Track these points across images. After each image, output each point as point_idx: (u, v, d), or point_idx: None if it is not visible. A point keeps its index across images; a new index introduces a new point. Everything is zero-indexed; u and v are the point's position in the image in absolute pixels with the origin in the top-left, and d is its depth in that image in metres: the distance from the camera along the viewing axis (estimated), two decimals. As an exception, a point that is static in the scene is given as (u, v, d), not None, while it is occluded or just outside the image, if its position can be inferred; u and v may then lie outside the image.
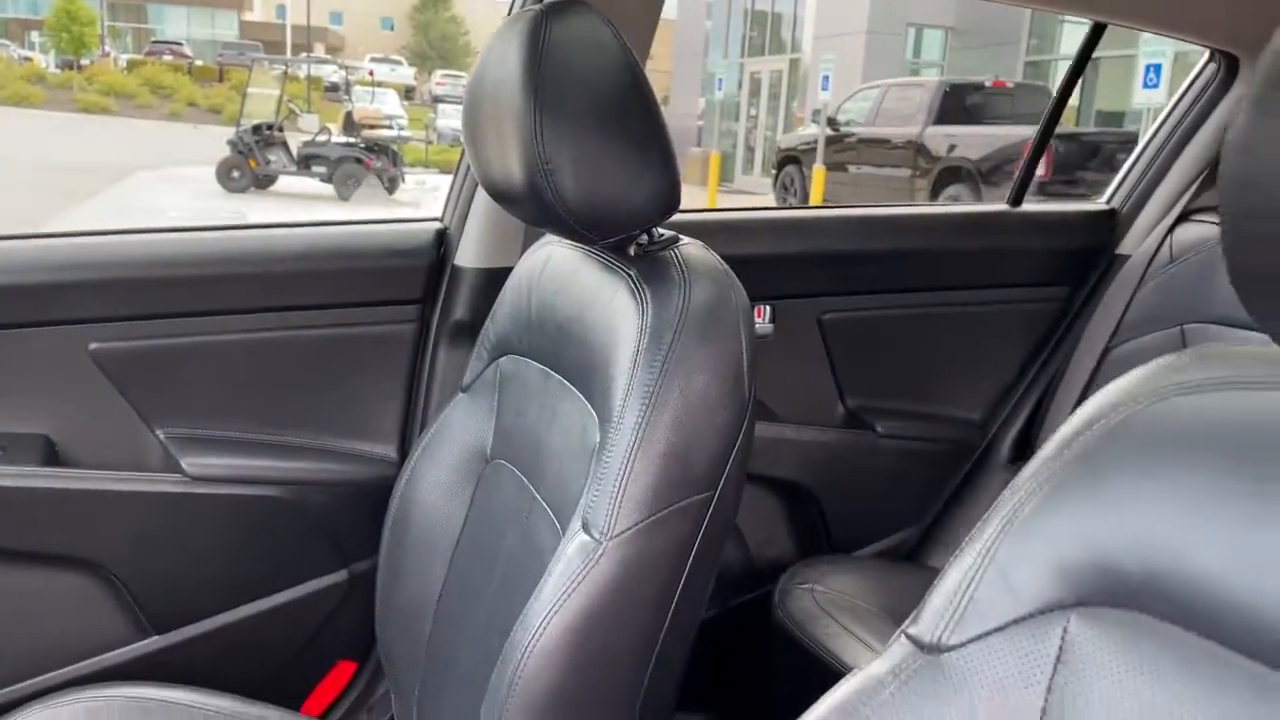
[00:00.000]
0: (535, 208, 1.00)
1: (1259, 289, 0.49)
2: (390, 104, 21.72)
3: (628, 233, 1.02)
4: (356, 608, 1.48)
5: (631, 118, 0.97)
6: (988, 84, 12.04)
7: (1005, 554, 0.56)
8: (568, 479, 1.02)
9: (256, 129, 12.99)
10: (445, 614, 1.23)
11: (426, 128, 20.25)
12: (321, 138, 13.28)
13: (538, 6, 1.00)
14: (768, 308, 1.70)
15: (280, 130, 13.31)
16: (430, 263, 1.48)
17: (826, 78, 14.20)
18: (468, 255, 1.47)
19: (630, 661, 0.94)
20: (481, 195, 1.45)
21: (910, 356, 1.83)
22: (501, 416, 1.21)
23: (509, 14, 1.21)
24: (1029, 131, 8.47)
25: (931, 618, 0.59)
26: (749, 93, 21.75)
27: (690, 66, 24.94)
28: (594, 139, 0.95)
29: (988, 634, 0.56)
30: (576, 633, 0.91)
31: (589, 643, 0.91)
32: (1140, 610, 0.51)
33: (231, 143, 12.85)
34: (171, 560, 1.37)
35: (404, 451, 1.48)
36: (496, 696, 0.92)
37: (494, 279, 1.39)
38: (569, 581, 0.91)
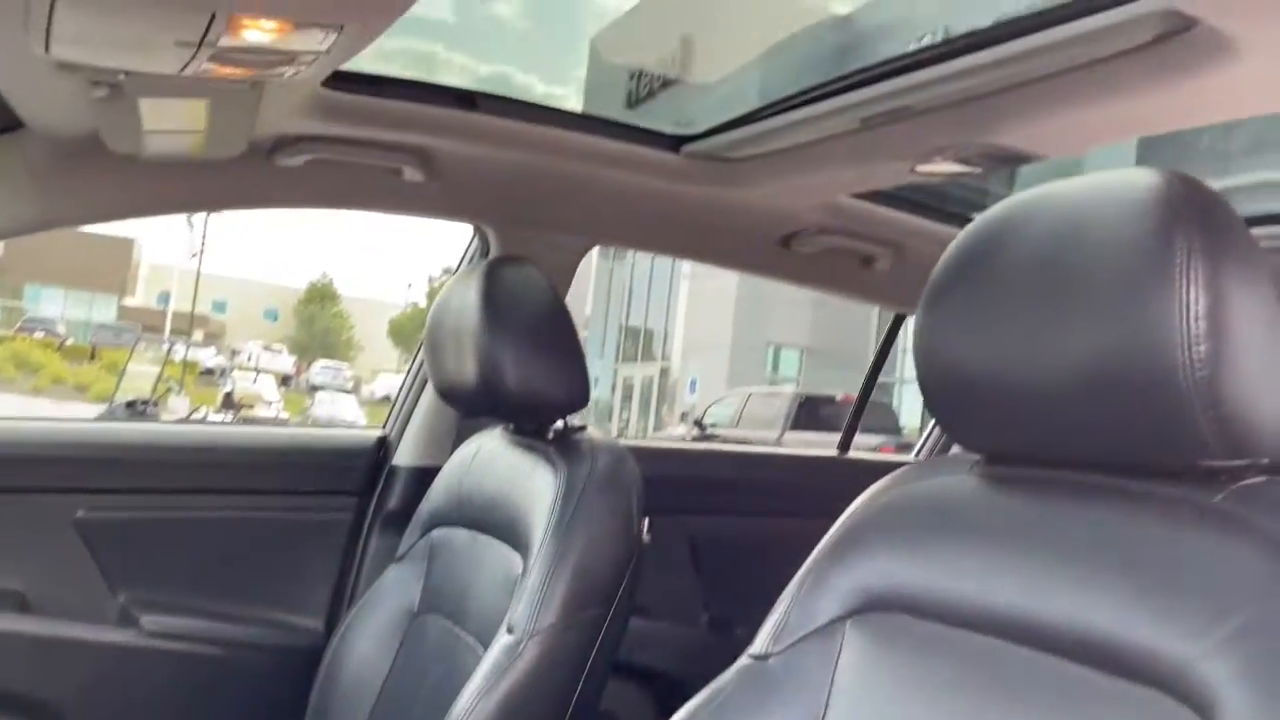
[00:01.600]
0: (482, 398, 1.37)
1: (943, 419, 0.87)
2: (269, 389, 21.99)
3: (550, 417, 1.39)
4: None
5: (555, 336, 1.37)
6: (838, 398, 13.19)
7: (807, 591, 0.91)
8: (491, 612, 1.30)
9: (130, 404, 12.97)
10: None
11: (303, 413, 20.44)
12: (197, 415, 13.32)
13: (489, 260, 1.42)
14: (646, 520, 2.04)
15: (155, 406, 13.31)
16: (371, 462, 1.79)
17: (694, 382, 15.26)
18: (405, 455, 1.79)
19: None
20: (422, 406, 1.80)
21: (772, 569, 2.17)
22: (431, 577, 1.49)
23: (461, 262, 1.63)
24: (875, 440, 9.36)
25: (762, 638, 0.92)
26: (621, 396, 22.90)
27: (566, 370, 26.11)
28: (529, 348, 1.34)
29: (796, 642, 0.89)
30: (503, 709, 1.16)
31: (511, 717, 1.16)
32: (885, 610, 0.85)
33: (103, 417, 12.75)
34: (117, 708, 1.53)
35: (330, 624, 1.70)
36: None
37: (425, 475, 1.70)
38: (496, 672, 1.18)
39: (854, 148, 1.41)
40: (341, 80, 1.35)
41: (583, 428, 1.43)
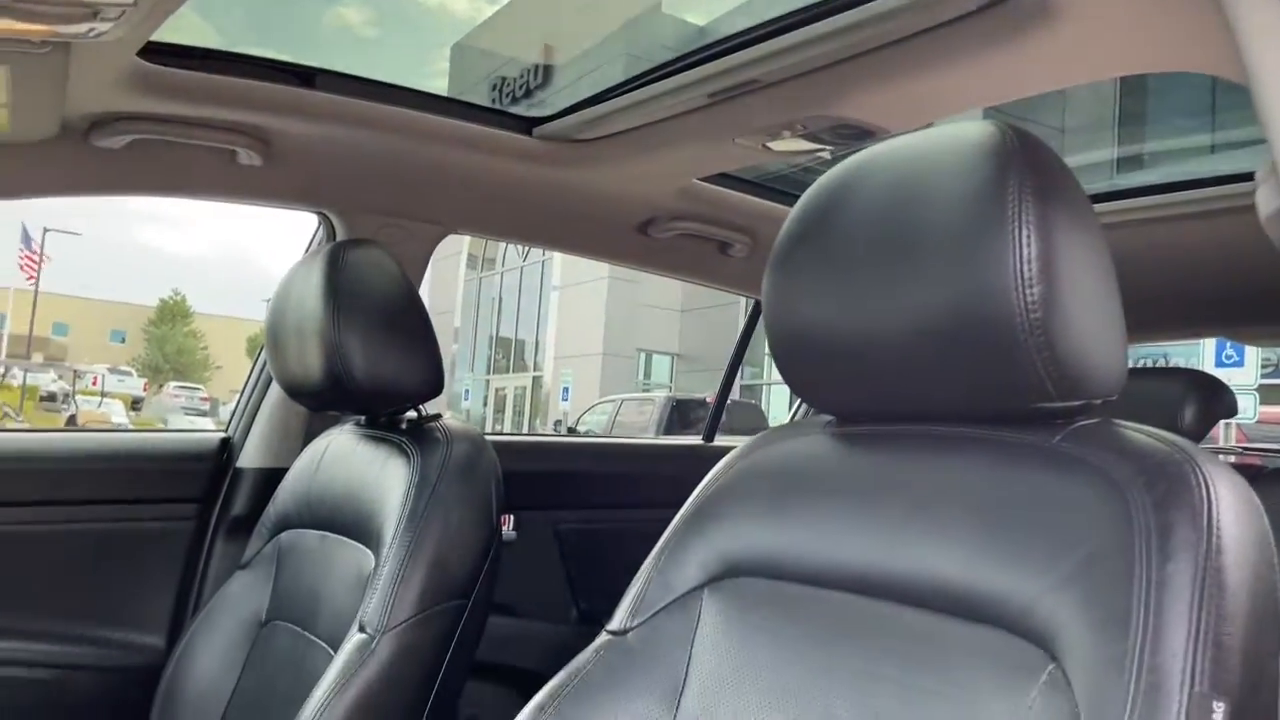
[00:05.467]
0: (329, 390, 1.30)
1: (794, 382, 0.86)
2: (118, 413, 20.84)
3: (402, 405, 1.33)
4: None
5: (407, 321, 1.32)
6: (708, 399, 13.39)
7: (664, 564, 0.89)
8: (343, 613, 1.24)
9: (-39, 432, 12.09)
10: None
11: (156, 437, 19.44)
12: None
13: (335, 242, 1.35)
14: (511, 517, 1.99)
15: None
16: (214, 466, 1.68)
17: (566, 389, 15.22)
18: (250, 457, 1.69)
19: None
20: (267, 405, 1.70)
21: (642, 560, 2.16)
22: (279, 581, 1.41)
23: (305, 252, 1.55)
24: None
25: (620, 614, 0.89)
26: (494, 408, 22.65)
27: (436, 383, 25.72)
28: (378, 334, 1.28)
29: (654, 615, 0.87)
30: (356, 708, 1.10)
31: (365, 716, 1.10)
32: (741, 575, 0.84)
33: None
34: None
35: (172, 638, 1.60)
36: None
37: (272, 477, 1.61)
38: (346, 672, 1.12)
39: (704, 124, 1.40)
40: (164, 53, 1.26)
41: (437, 416, 1.38)
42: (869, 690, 0.72)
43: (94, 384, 22.11)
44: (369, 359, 1.27)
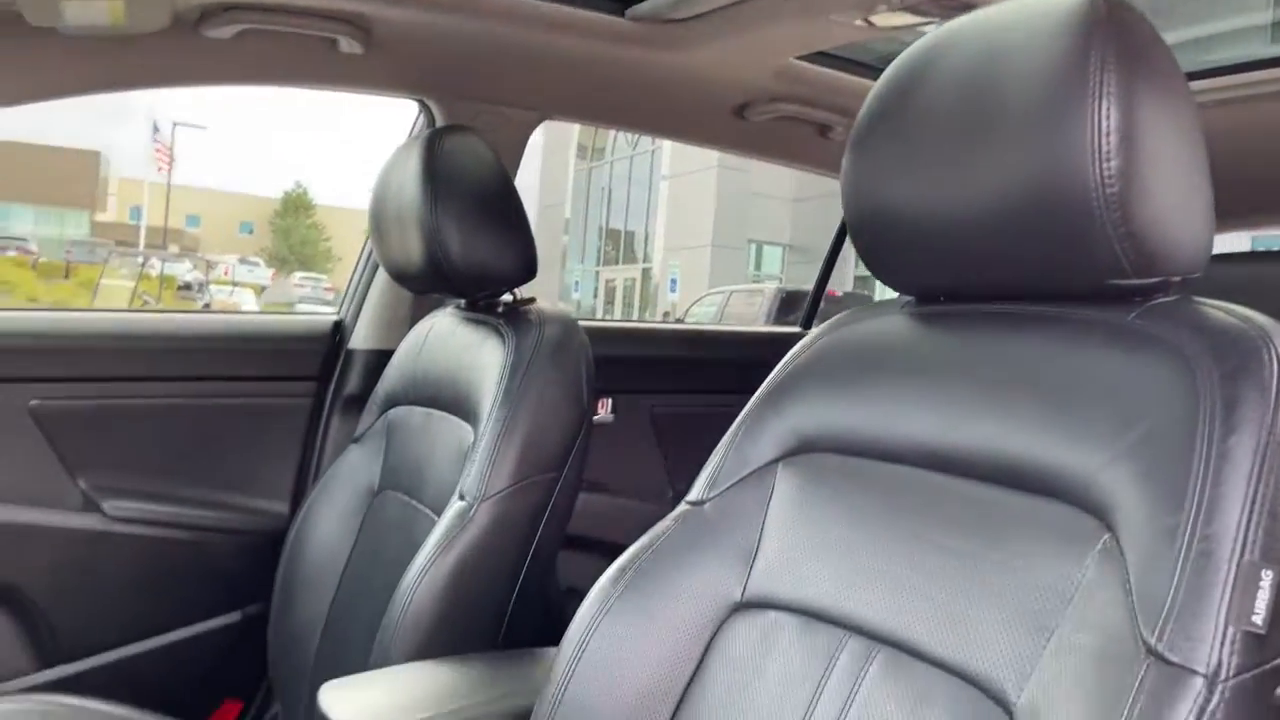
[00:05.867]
0: (428, 274, 1.35)
1: (873, 264, 0.86)
2: (247, 302, 21.85)
3: (497, 289, 1.38)
4: (246, 647, 1.66)
5: (502, 207, 1.35)
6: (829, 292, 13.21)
7: (742, 438, 0.91)
8: (446, 483, 1.31)
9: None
10: (333, 628, 1.45)
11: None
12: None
13: (432, 129, 1.38)
14: (610, 400, 2.05)
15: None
16: (327, 347, 1.77)
17: (674, 281, 15.23)
18: (360, 339, 1.78)
19: (495, 598, 1.22)
20: (374, 290, 1.78)
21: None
22: (389, 454, 1.49)
23: (408, 139, 1.59)
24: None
25: (698, 486, 0.93)
26: (604, 299, 22.87)
27: (549, 277, 26.10)
28: (474, 219, 1.32)
29: (730, 487, 0.90)
30: (453, 574, 1.18)
31: (462, 582, 1.19)
32: (814, 450, 0.86)
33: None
34: (84, 592, 1.55)
35: (294, 506, 1.72)
36: (388, 627, 1.17)
37: (381, 358, 1.69)
38: (447, 537, 1.19)
39: (801, 1, 1.37)
40: None
41: (532, 300, 1.42)
42: (928, 554, 0.74)
43: (225, 274, 23.18)
44: (465, 243, 1.31)
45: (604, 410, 2.05)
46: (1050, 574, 0.66)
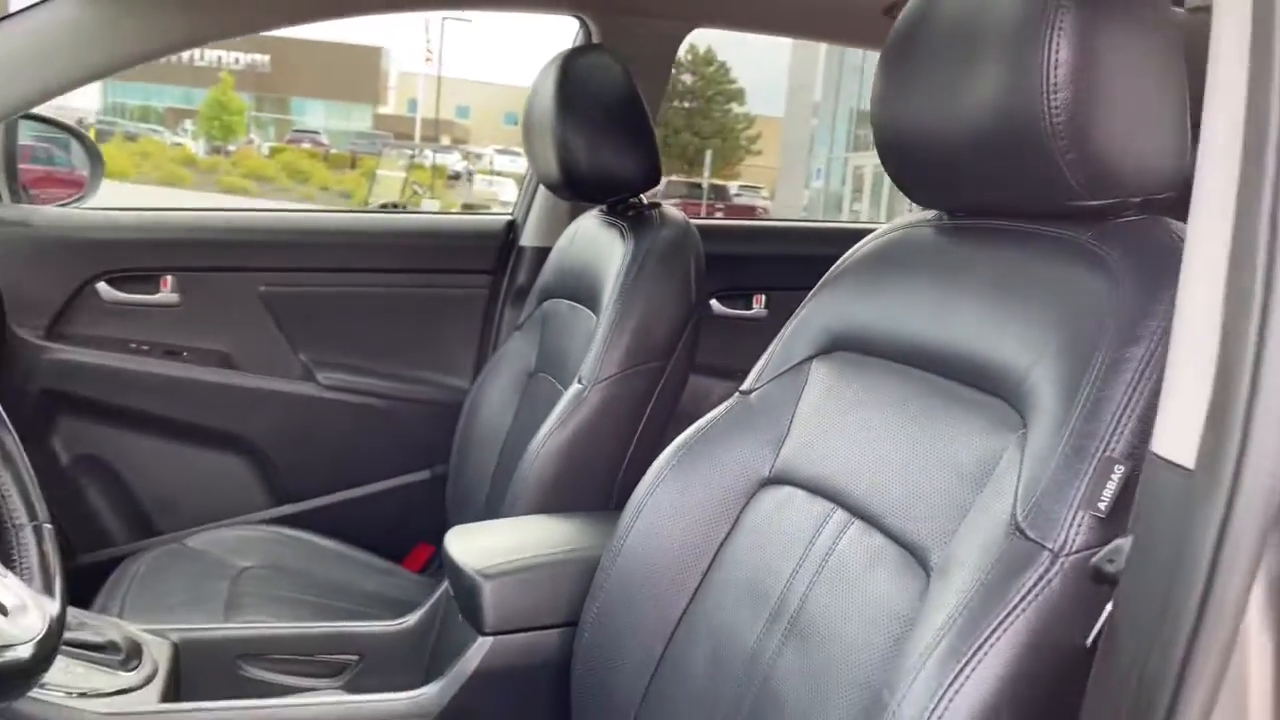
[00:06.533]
0: (563, 180, 1.52)
1: (897, 179, 0.94)
2: (508, 192, 23.06)
3: (621, 194, 1.53)
4: (435, 500, 1.96)
5: (627, 119, 1.48)
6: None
7: (789, 336, 1.02)
8: (577, 368, 1.49)
9: (383, 206, 14.13)
10: (495, 486, 1.70)
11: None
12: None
13: (569, 49, 1.53)
14: (764, 296, 2.16)
15: (404, 209, 14.42)
16: (502, 244, 2.00)
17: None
18: (529, 237, 1.99)
19: (606, 467, 1.41)
20: (540, 193, 1.97)
21: None
22: (543, 342, 1.70)
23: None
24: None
25: (750, 378, 1.05)
26: (853, 187, 22.25)
27: (796, 161, 25.66)
28: (599, 131, 1.46)
29: (773, 379, 1.02)
30: (569, 444, 1.38)
31: (576, 451, 1.38)
32: (839, 349, 0.96)
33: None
34: (303, 447, 1.89)
35: (474, 382, 1.98)
36: (515, 484, 1.39)
37: (545, 255, 1.89)
38: (564, 414, 1.38)
39: None
40: None
41: (656, 204, 1.55)
42: (900, 441, 0.85)
43: (490, 164, 24.51)
44: (591, 153, 1.46)
45: (759, 305, 2.17)
46: (976, 460, 0.76)
